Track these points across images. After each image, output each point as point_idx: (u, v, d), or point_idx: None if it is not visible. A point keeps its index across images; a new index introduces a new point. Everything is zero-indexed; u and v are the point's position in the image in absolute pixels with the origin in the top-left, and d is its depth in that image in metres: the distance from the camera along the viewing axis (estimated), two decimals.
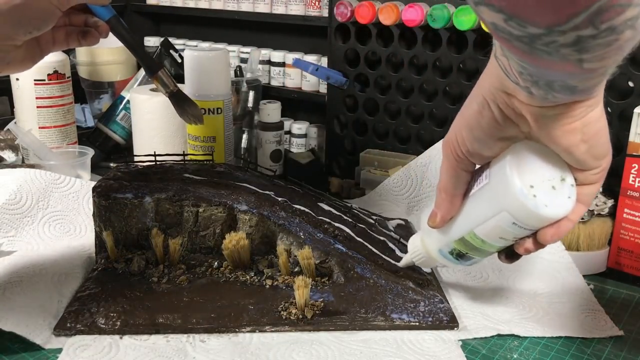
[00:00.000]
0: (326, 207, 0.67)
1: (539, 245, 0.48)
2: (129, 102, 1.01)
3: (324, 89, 1.04)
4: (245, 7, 1.22)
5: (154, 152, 0.71)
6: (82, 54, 1.14)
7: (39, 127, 0.91)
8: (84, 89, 1.17)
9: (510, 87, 0.41)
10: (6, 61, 0.55)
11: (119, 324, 0.54)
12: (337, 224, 0.64)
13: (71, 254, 0.65)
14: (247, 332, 0.54)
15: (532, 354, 0.53)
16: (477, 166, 0.49)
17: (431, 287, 0.59)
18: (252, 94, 0.99)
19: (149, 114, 0.86)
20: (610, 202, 0.69)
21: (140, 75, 1.06)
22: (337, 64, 0.95)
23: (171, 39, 1.16)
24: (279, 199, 0.64)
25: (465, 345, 0.54)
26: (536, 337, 0.55)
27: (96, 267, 0.63)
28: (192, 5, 1.33)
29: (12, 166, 0.85)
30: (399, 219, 0.77)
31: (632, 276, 0.67)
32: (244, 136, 0.99)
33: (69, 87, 0.93)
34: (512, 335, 0.55)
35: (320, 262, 0.61)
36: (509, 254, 0.52)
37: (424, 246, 0.56)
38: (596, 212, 0.68)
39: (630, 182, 0.66)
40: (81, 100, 1.21)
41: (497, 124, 0.43)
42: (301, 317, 0.55)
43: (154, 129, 0.87)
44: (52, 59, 0.90)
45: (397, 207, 0.81)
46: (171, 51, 1.08)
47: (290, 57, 1.17)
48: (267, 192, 0.65)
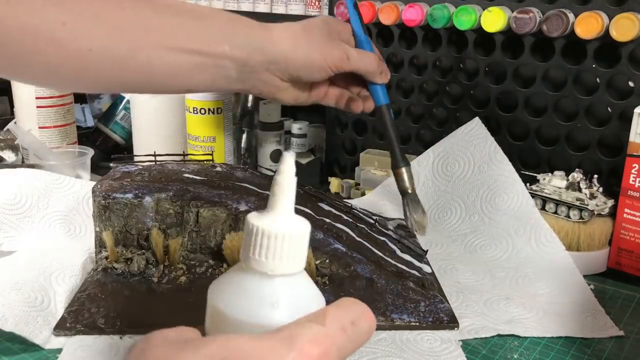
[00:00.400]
0: (326, 207, 0.67)
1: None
2: (129, 102, 1.01)
3: None
4: (245, 7, 1.22)
5: (154, 152, 0.71)
6: None
7: (39, 127, 0.90)
8: None
9: None
10: (258, 83, 0.58)
11: (119, 324, 0.54)
12: (337, 224, 0.64)
13: (71, 254, 0.65)
14: None
15: (533, 354, 0.53)
16: None
17: (431, 287, 0.59)
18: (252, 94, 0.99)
19: (149, 114, 0.86)
20: (610, 202, 0.69)
21: None
22: None
23: None
24: None
25: (465, 345, 0.54)
26: (536, 337, 0.55)
27: (96, 267, 0.62)
28: None
29: (12, 166, 0.85)
30: (399, 218, 0.77)
31: (632, 276, 0.67)
32: (244, 136, 0.99)
33: None
34: (512, 335, 0.55)
35: (320, 262, 0.61)
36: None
37: None
38: (596, 212, 0.68)
39: (630, 182, 0.66)
40: (81, 100, 1.21)
41: None
42: None
43: (154, 129, 0.87)
44: None
45: (398, 207, 0.81)
46: None
47: None
48: (267, 192, 0.65)
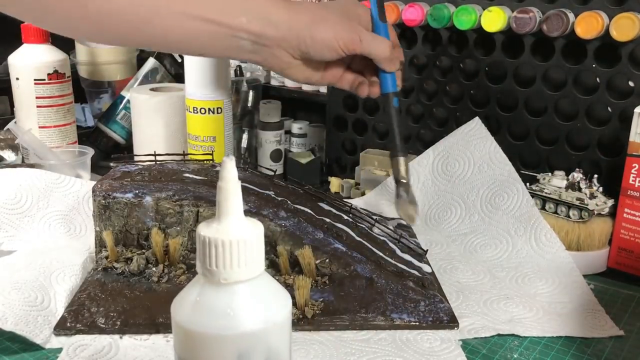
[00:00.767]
0: (326, 207, 0.67)
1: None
2: (129, 101, 1.01)
3: (324, 89, 1.04)
4: None
5: (154, 152, 0.71)
6: (82, 53, 1.14)
7: (39, 127, 0.90)
8: (84, 89, 1.17)
9: None
10: (270, 57, 0.59)
11: (119, 323, 0.54)
12: (337, 224, 0.64)
13: (71, 253, 0.65)
14: None
15: (532, 354, 0.53)
16: None
17: (431, 287, 0.59)
18: (252, 94, 0.99)
19: (149, 114, 0.86)
20: (610, 202, 0.69)
21: (140, 74, 1.06)
22: None
23: None
24: (279, 199, 0.64)
25: (465, 345, 0.54)
26: (536, 337, 0.56)
27: (96, 266, 0.63)
28: None
29: (12, 166, 0.85)
30: (399, 218, 0.77)
31: (632, 276, 0.67)
32: (244, 136, 0.99)
33: (69, 86, 0.93)
34: (512, 335, 0.55)
35: (320, 262, 0.61)
36: None
37: None
38: (596, 212, 0.68)
39: (630, 181, 0.66)
40: (81, 99, 1.21)
41: None
42: (301, 316, 0.55)
43: (154, 128, 0.87)
44: (52, 59, 0.90)
45: None
46: None
47: None
48: (267, 192, 0.65)
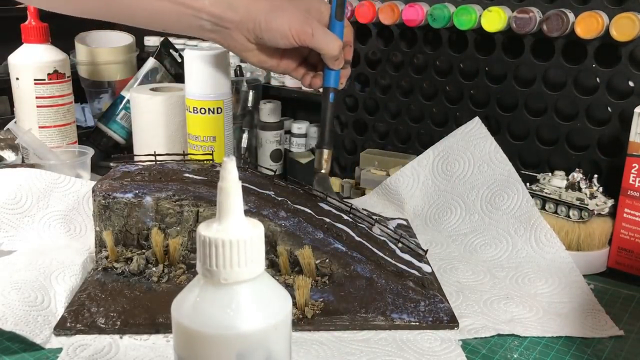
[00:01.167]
0: (326, 207, 0.67)
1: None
2: (129, 101, 1.01)
3: None
4: None
5: (154, 152, 0.71)
6: (82, 53, 1.14)
7: (39, 127, 0.90)
8: (84, 89, 1.17)
9: None
10: (227, 38, 0.64)
11: (119, 323, 0.54)
12: (337, 224, 0.64)
13: (71, 253, 0.65)
14: None
15: (532, 354, 0.53)
16: None
17: (431, 287, 0.59)
18: (252, 94, 0.99)
19: (149, 114, 0.86)
20: (610, 202, 0.69)
21: (140, 74, 1.06)
22: None
23: (171, 39, 1.16)
24: (279, 199, 0.64)
25: (465, 345, 0.54)
26: (536, 337, 0.56)
27: (96, 266, 0.63)
28: None
29: (12, 166, 0.85)
30: (399, 218, 0.77)
31: (632, 276, 0.67)
32: (244, 136, 0.99)
33: (69, 86, 0.93)
34: (512, 335, 0.55)
35: (320, 262, 0.61)
36: None
37: None
38: (596, 212, 0.68)
39: (630, 181, 0.66)
40: (81, 99, 1.21)
41: None
42: (301, 316, 0.55)
43: (154, 128, 0.87)
44: (52, 59, 0.90)
45: (398, 207, 0.81)
46: (171, 51, 1.08)
47: None
48: (267, 192, 0.65)
